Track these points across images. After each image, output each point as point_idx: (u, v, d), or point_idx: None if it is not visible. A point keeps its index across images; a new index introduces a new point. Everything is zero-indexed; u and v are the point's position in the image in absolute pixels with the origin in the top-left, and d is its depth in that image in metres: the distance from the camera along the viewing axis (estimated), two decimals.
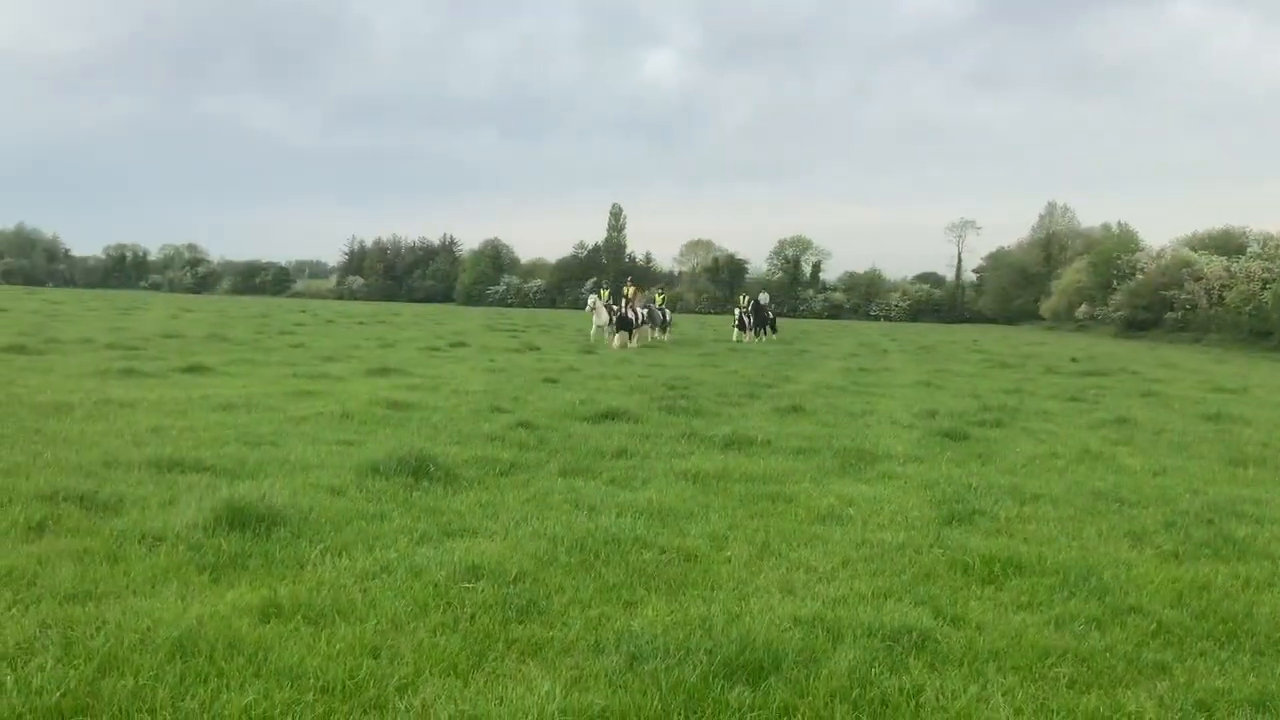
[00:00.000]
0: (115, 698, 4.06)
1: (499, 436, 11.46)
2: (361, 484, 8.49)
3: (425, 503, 8.01)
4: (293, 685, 4.31)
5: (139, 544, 6.36)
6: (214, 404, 13.34)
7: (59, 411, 11.96)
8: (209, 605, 5.27)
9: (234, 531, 6.60)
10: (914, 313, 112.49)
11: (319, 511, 7.35)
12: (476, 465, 9.57)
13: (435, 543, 6.79)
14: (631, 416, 13.44)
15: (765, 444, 11.66)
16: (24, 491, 7.50)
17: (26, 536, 6.46)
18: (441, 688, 4.44)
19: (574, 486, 8.88)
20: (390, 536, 6.87)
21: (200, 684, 4.26)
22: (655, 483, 9.27)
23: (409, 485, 8.50)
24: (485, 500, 8.23)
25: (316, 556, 6.27)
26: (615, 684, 4.58)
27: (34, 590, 5.40)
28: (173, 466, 8.80)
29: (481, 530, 7.22)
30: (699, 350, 33.54)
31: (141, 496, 7.61)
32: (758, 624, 5.43)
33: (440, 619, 5.28)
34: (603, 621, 5.41)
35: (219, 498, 7.10)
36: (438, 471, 8.88)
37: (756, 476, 9.73)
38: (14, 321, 32.46)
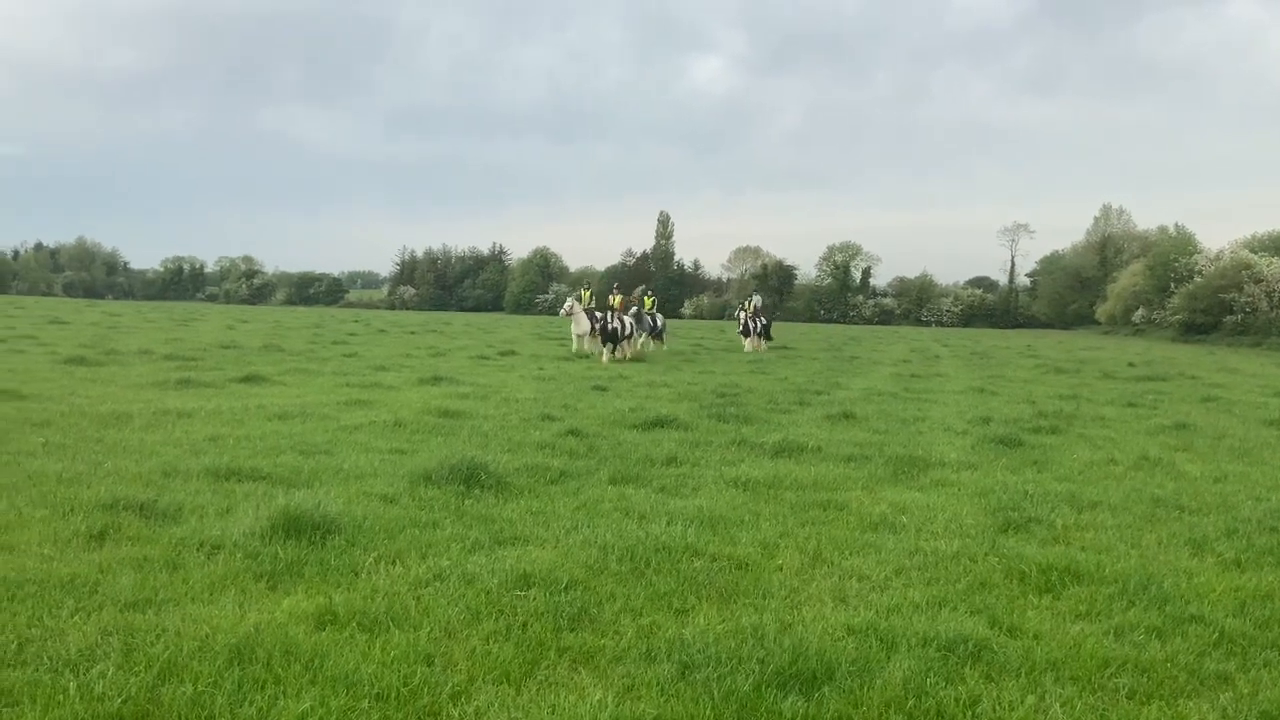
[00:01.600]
0: (175, 704, 4.13)
1: (549, 444, 11.50)
2: (414, 492, 8.56)
3: (477, 511, 8.06)
4: (348, 692, 4.35)
5: (197, 552, 6.46)
6: (269, 413, 13.53)
7: (119, 421, 12.21)
8: (266, 612, 5.34)
9: (290, 539, 6.68)
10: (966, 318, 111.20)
11: (373, 520, 7.42)
12: (527, 473, 9.61)
13: (487, 551, 6.83)
14: (681, 424, 13.43)
15: (816, 451, 11.58)
16: (85, 500, 7.66)
17: (88, 545, 6.60)
18: (494, 695, 4.47)
19: (624, 494, 8.89)
20: (443, 544, 6.92)
21: (257, 691, 4.31)
22: (705, 490, 9.24)
23: (461, 493, 8.56)
24: (536, 508, 8.26)
25: (371, 564, 6.33)
26: (667, 693, 4.57)
27: (95, 598, 5.51)
28: (230, 475, 8.94)
29: (533, 538, 7.25)
30: (696, 361, 33.40)
31: (200, 505, 7.74)
32: (810, 633, 5.39)
33: (493, 627, 5.31)
34: (654, 630, 5.40)
35: (275, 506, 7.19)
36: (489, 480, 8.93)
37: (807, 484, 9.67)
38: (75, 333, 33.18)
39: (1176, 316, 69.10)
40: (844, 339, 54.32)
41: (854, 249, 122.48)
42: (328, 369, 22.11)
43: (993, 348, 48.20)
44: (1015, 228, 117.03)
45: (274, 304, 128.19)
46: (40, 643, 4.79)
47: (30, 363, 20.70)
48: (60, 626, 5.03)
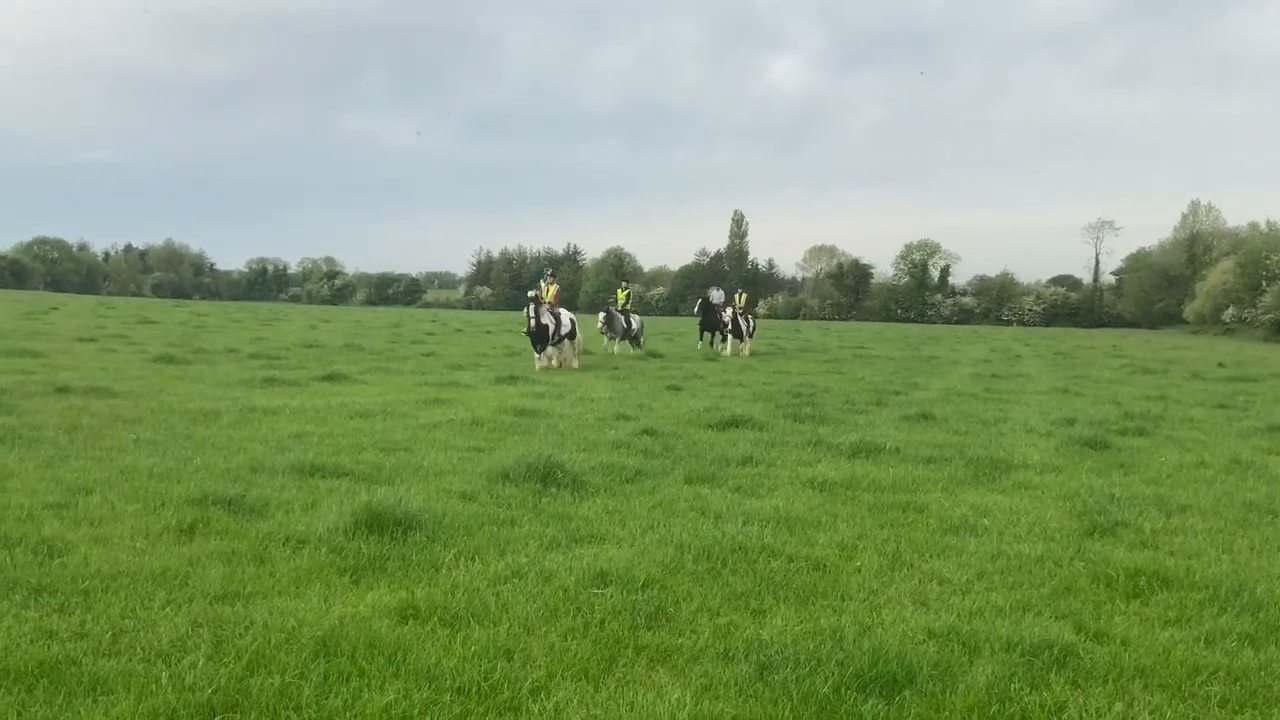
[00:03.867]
0: (263, 695, 4.22)
1: (624, 444, 11.54)
2: (492, 490, 8.65)
3: (553, 509, 8.11)
4: (430, 686, 4.41)
5: (283, 546, 6.61)
6: (351, 411, 13.78)
7: (207, 418, 12.54)
8: (350, 606, 5.44)
9: (372, 535, 6.80)
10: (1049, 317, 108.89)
11: (452, 516, 7.52)
12: (603, 472, 9.65)
13: (564, 548, 6.87)
14: (756, 424, 13.37)
15: (894, 452, 11.45)
16: (176, 495, 7.88)
17: (178, 539, 6.78)
18: (573, 692, 4.50)
19: (699, 494, 8.88)
20: (521, 542, 6.98)
21: (343, 683, 4.40)
22: (781, 491, 9.19)
23: (537, 491, 8.62)
24: (612, 507, 8.29)
25: (451, 560, 6.41)
26: (746, 693, 4.55)
27: (186, 590, 5.66)
28: (314, 472, 9.12)
29: (609, 537, 7.28)
30: (770, 361, 33.08)
31: (285, 500, 7.91)
32: (890, 636, 5.33)
33: (570, 624, 5.34)
34: (731, 630, 5.39)
35: (358, 502, 7.32)
36: (565, 478, 8.99)
37: (886, 485, 9.56)
38: (164, 333, 34.16)
39: (1268, 315, 66.85)
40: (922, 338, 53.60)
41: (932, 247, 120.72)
42: (407, 368, 22.46)
43: (1076, 347, 47.14)
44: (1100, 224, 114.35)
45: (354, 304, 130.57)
46: (133, 633, 4.94)
47: (121, 361, 21.36)
48: (152, 618, 5.18)
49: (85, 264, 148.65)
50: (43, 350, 22.90)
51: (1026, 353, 41.21)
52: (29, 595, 5.41)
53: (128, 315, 48.65)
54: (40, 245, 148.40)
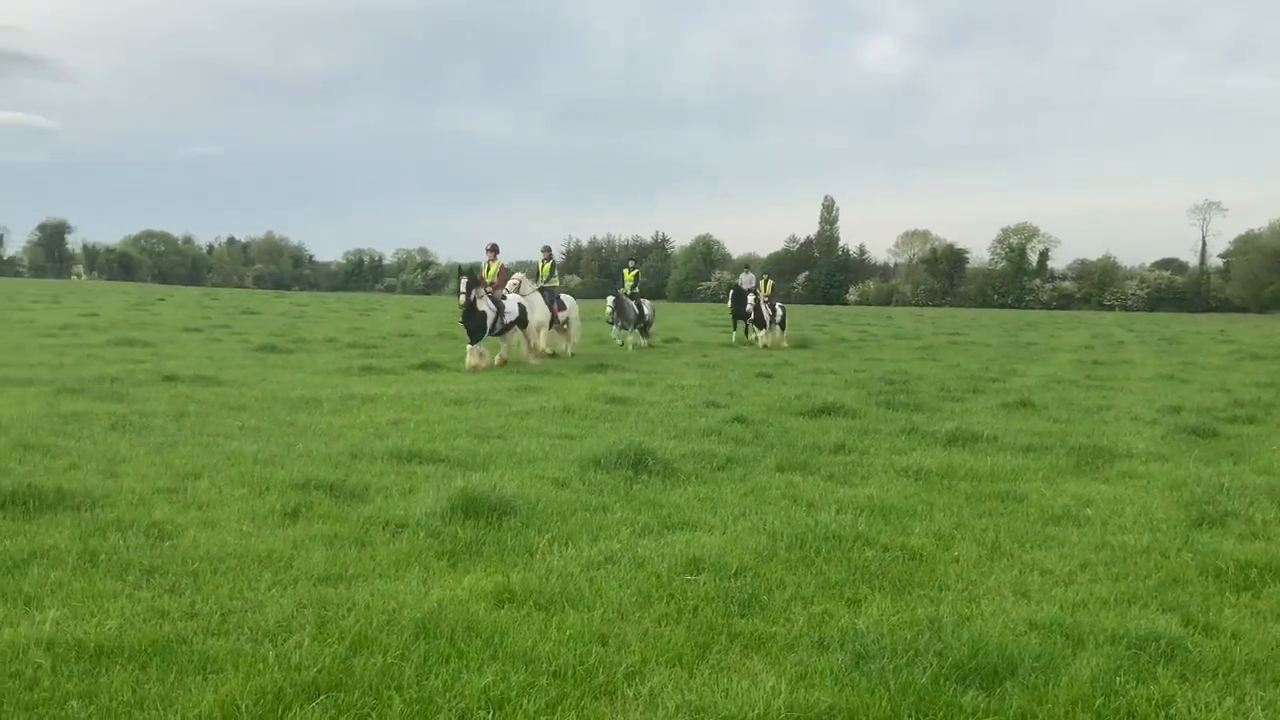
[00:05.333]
0: (366, 675, 4.32)
1: (715, 431, 11.51)
2: (584, 476, 8.71)
3: (645, 496, 8.13)
4: (527, 669, 4.47)
5: (383, 530, 6.75)
6: (446, 399, 14.00)
7: (308, 406, 12.86)
8: (448, 589, 5.53)
9: (469, 520, 6.91)
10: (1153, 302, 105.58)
11: (545, 502, 7.59)
12: (693, 459, 9.64)
13: (656, 535, 6.89)
14: (849, 411, 13.22)
15: (992, 440, 11.21)
16: (280, 480, 8.10)
17: (282, 522, 6.97)
18: (668, 677, 4.51)
19: (792, 482, 8.82)
20: (613, 528, 7.02)
21: (442, 664, 4.47)
22: (875, 479, 9.08)
23: (629, 478, 8.66)
24: (703, 494, 8.28)
25: (545, 545, 6.48)
26: (842, 682, 4.51)
27: (290, 572, 5.82)
28: (411, 457, 9.30)
29: (700, 524, 7.27)
30: (862, 348, 32.49)
31: (384, 485, 8.08)
32: (990, 627, 5.23)
33: (664, 610, 5.35)
34: (826, 619, 5.34)
35: (454, 488, 7.44)
36: (656, 465, 9.00)
37: (983, 474, 9.37)
38: (266, 323, 35.14)
39: None
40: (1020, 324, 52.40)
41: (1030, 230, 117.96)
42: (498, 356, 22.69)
43: (1183, 333, 45.60)
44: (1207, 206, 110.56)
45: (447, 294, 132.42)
46: (241, 614, 5.09)
47: (226, 351, 22.04)
48: (259, 599, 5.33)
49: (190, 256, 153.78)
50: (151, 340, 23.75)
51: (1130, 339, 39.99)
52: (141, 576, 5.62)
53: (231, 306, 50.16)
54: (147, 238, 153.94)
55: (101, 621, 4.86)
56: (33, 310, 38.00)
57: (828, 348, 29.61)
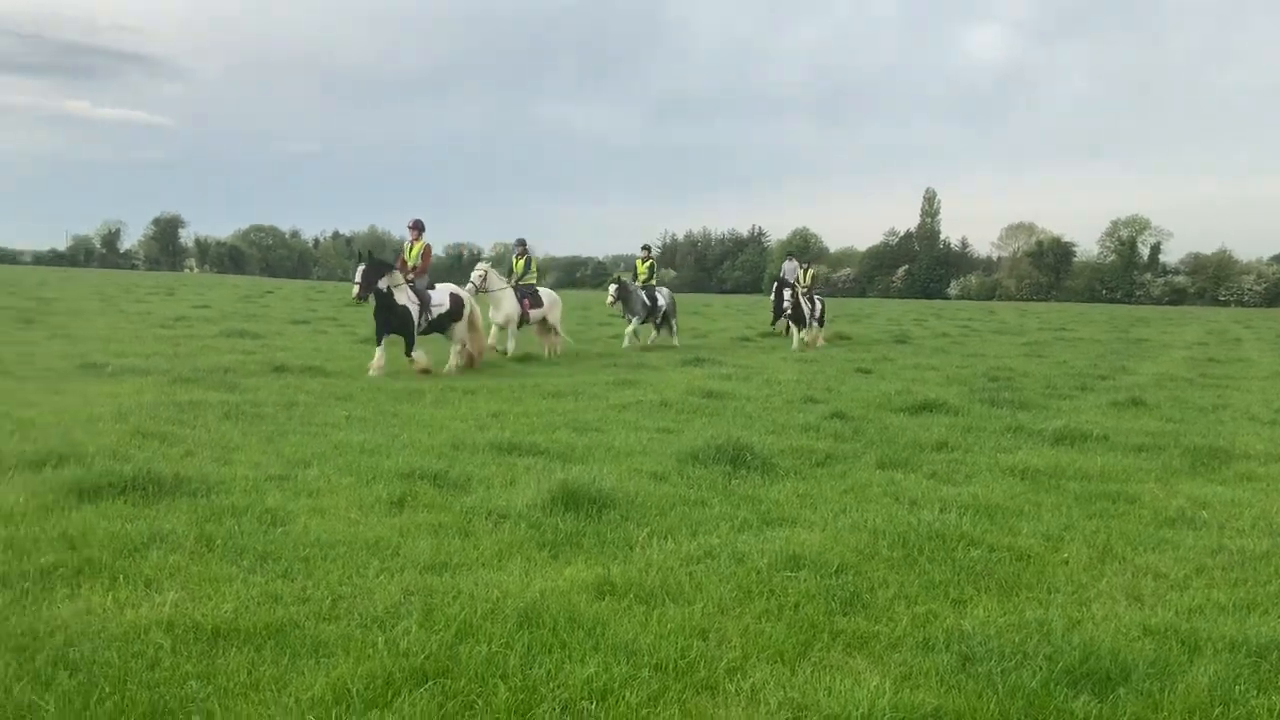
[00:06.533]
0: (472, 662, 4.39)
1: (813, 427, 11.41)
2: (682, 471, 8.71)
3: (743, 491, 8.10)
4: (628, 661, 4.48)
5: (486, 520, 6.85)
6: (544, 392, 14.15)
7: (411, 397, 13.12)
8: (549, 580, 5.59)
9: (569, 512, 6.96)
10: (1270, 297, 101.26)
11: (644, 496, 7.61)
12: (792, 455, 9.57)
13: (755, 530, 6.85)
14: (951, 408, 12.97)
15: (1101, 439, 10.88)
16: (386, 469, 8.28)
17: (389, 510, 7.12)
18: (769, 674, 4.48)
19: (893, 479, 8.69)
20: (712, 523, 7.00)
21: (545, 654, 4.52)
22: (980, 478, 8.89)
23: (727, 473, 8.63)
24: (802, 490, 8.21)
25: (644, 539, 6.50)
26: (947, 683, 4.43)
27: (398, 560, 5.94)
28: (511, 449, 9.41)
29: (800, 520, 7.21)
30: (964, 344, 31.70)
31: (486, 476, 8.20)
32: (1102, 631, 5.08)
33: (764, 606, 5.32)
34: (930, 619, 5.25)
35: (554, 480, 7.51)
36: (754, 460, 8.95)
37: (1093, 474, 9.11)
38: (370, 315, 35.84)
39: None
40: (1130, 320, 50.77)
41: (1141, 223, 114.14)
42: (595, 349, 22.87)
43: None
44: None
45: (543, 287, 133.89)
46: (351, 599, 5.22)
47: (332, 342, 22.62)
48: (368, 585, 5.45)
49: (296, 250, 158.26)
50: (260, 332, 24.50)
51: (1247, 335, 38.41)
52: (255, 561, 5.79)
53: (336, 299, 51.38)
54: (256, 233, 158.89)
55: (218, 604, 5.03)
56: (149, 302, 39.49)
57: (928, 343, 29.09)
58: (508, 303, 19.88)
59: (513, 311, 19.88)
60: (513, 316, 19.89)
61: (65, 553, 5.73)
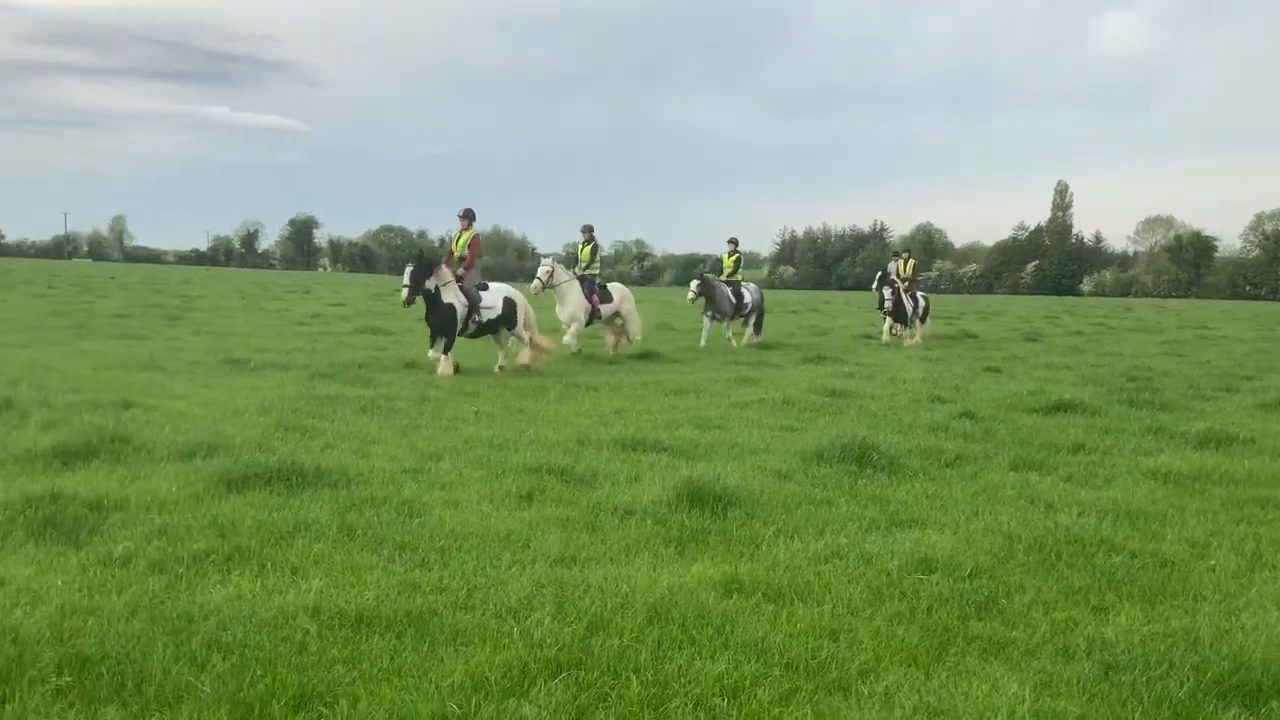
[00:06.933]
0: (604, 655, 4.45)
1: (941, 426, 11.18)
2: (806, 469, 8.65)
3: (870, 491, 8.00)
4: (758, 659, 4.49)
5: (612, 515, 6.93)
6: (666, 389, 14.21)
7: (536, 393, 13.34)
8: (677, 576, 5.62)
9: (694, 509, 6.99)
10: None
11: (769, 495, 7.59)
12: (920, 455, 9.40)
13: (883, 531, 6.76)
14: (1087, 409, 12.55)
15: (1249, 443, 10.38)
16: (514, 464, 8.44)
17: (518, 504, 7.26)
18: (902, 677, 4.42)
19: (1027, 481, 8.46)
20: (839, 523, 6.94)
21: (676, 649, 4.55)
22: (1119, 481, 8.59)
23: (853, 473, 8.53)
24: (931, 491, 8.06)
25: (770, 537, 6.48)
26: (1090, 692, 4.30)
27: (528, 552, 6.06)
28: (635, 446, 9.48)
29: (930, 522, 7.09)
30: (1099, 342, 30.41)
31: (611, 472, 8.29)
32: (1252, 642, 4.87)
33: (896, 608, 5.26)
34: (1070, 626, 5.10)
35: (679, 477, 7.55)
36: (881, 460, 8.83)
37: (1240, 478, 8.70)
38: None
39: None
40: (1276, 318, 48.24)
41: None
42: (717, 347, 22.84)
43: None
44: None
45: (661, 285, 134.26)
46: (485, 590, 5.35)
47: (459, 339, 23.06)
48: (501, 577, 5.58)
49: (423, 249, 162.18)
50: (391, 329, 25.21)
51: None
52: (394, 551, 5.98)
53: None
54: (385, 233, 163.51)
55: (360, 592, 5.22)
56: (286, 300, 41.04)
57: (1060, 341, 28.20)
58: (574, 299, 18.96)
59: (578, 309, 18.94)
60: (579, 314, 18.93)
61: (216, 540, 6.01)
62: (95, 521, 6.28)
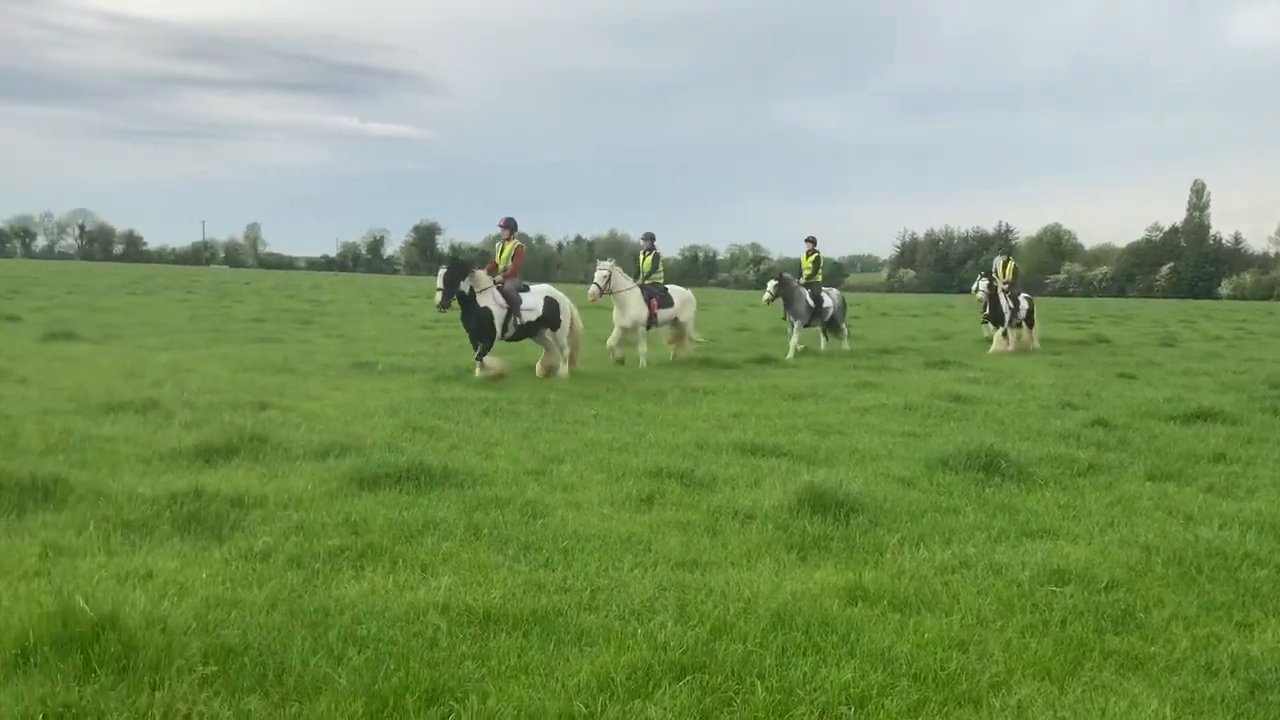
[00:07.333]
0: (728, 660, 4.45)
1: (1073, 434, 10.85)
2: (931, 477, 8.49)
3: (998, 500, 7.81)
4: (885, 669, 4.42)
5: (732, 520, 6.92)
6: (784, 393, 14.11)
7: (654, 397, 13.40)
8: (799, 583, 5.58)
9: (815, 515, 6.92)
10: None
11: (892, 501, 7.47)
12: (1050, 464, 9.14)
13: (1013, 542, 6.60)
14: (1228, 418, 12.00)
15: None
16: (634, 467, 8.50)
17: (638, 507, 7.31)
18: (1035, 690, 4.31)
19: (1164, 492, 8.14)
20: (966, 531, 6.79)
21: (800, 656, 4.53)
22: (1263, 493, 8.19)
23: (980, 481, 8.34)
24: (1063, 501, 7.83)
25: (895, 545, 6.38)
26: (1235, 712, 4.13)
27: (650, 555, 6.09)
28: (754, 450, 9.45)
29: (1062, 532, 6.89)
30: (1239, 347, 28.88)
31: (731, 476, 8.27)
32: None
33: (1027, 620, 5.12)
34: (1213, 642, 4.90)
35: (800, 482, 7.49)
36: (1009, 468, 8.61)
37: None
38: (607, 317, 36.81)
39: None
40: None
41: None
42: (835, 351, 22.57)
43: None
44: None
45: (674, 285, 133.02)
46: (608, 591, 5.40)
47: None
48: (623, 578, 5.62)
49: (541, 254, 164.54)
50: None
51: None
52: (519, 551, 6.09)
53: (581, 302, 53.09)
54: None
55: (487, 590, 5.33)
56: (411, 305, 42.08)
57: (1198, 346, 27.03)
58: (634, 304, 18.06)
59: (639, 314, 17.99)
60: (639, 319, 17.99)
61: (349, 537, 6.22)
62: (236, 517, 6.56)
